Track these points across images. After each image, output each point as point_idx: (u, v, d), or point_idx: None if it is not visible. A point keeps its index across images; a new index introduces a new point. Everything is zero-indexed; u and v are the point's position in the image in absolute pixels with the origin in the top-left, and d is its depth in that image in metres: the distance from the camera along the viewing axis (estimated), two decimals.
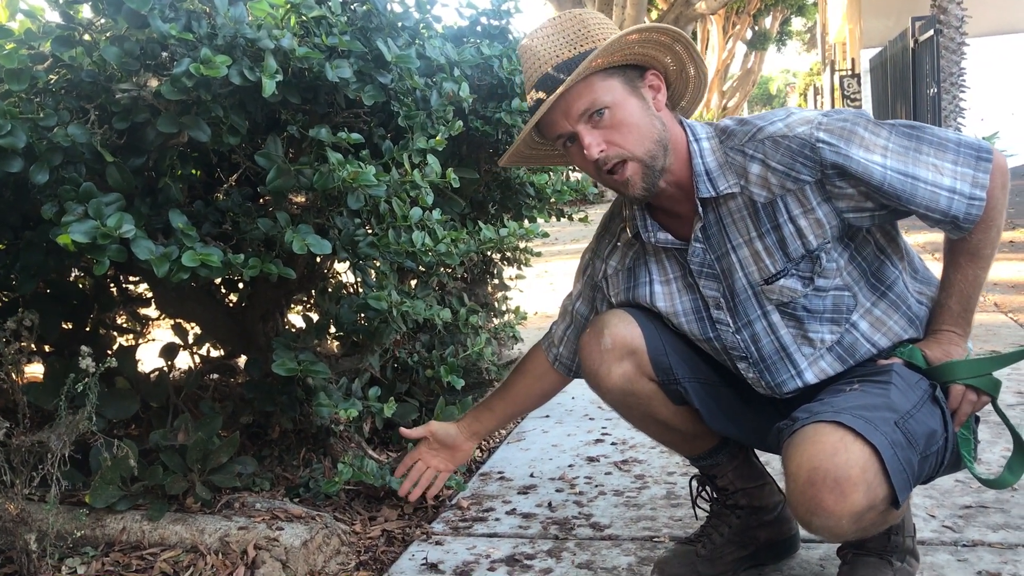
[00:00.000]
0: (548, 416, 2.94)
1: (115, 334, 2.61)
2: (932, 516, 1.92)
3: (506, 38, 2.59)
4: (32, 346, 2.19)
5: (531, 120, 1.46)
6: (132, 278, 2.51)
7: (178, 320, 2.54)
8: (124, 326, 2.70)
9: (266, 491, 2.14)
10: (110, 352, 2.34)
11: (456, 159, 2.56)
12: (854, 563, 1.56)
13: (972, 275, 1.46)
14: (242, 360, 2.73)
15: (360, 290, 2.43)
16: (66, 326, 2.31)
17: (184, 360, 2.71)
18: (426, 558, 1.90)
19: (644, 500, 2.15)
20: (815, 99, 31.12)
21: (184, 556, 1.81)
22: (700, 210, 1.48)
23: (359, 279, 2.32)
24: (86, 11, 1.76)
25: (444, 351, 2.56)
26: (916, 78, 11.16)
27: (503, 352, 3.32)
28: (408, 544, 2.01)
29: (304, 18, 1.78)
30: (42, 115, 1.60)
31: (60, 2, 1.70)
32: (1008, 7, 13.23)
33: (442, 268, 2.62)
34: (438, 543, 1.98)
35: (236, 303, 2.59)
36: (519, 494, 2.26)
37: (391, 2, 1.95)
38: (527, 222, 2.70)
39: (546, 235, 2.67)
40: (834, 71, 20.80)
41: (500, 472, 2.44)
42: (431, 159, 2.01)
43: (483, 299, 3.13)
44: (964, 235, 1.43)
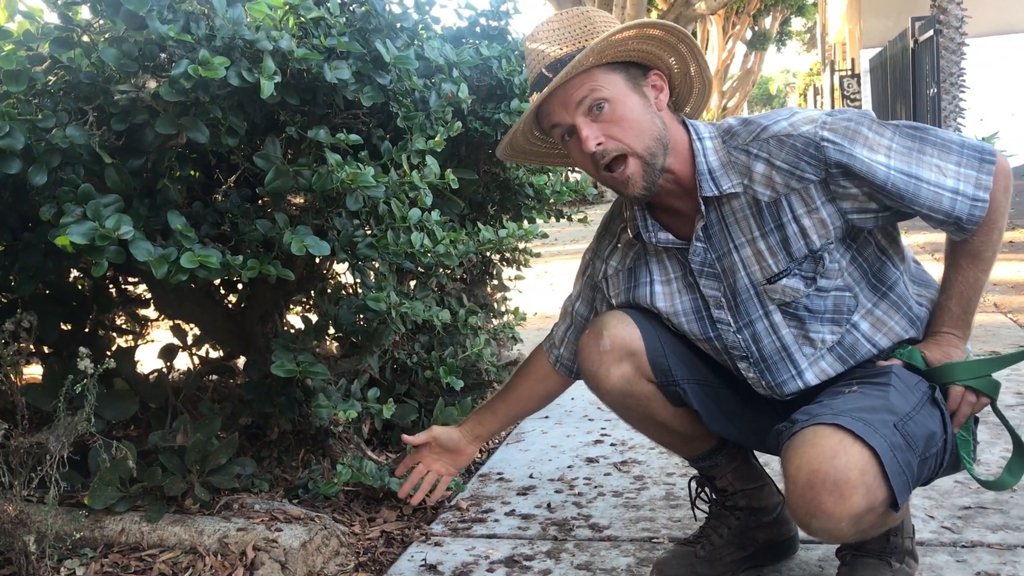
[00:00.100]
0: (547, 417, 2.94)
1: (114, 335, 2.61)
2: (931, 517, 1.92)
3: (505, 39, 2.59)
4: (31, 347, 2.19)
5: (532, 104, 1.45)
6: (131, 279, 2.51)
7: (177, 321, 2.54)
8: (123, 327, 2.70)
9: (265, 492, 2.13)
10: (109, 353, 2.34)
11: (455, 160, 2.56)
12: (853, 564, 1.56)
13: (973, 277, 1.46)
14: (241, 361, 2.73)
15: (359, 291, 2.43)
16: (65, 327, 2.31)
17: (183, 361, 2.71)
18: (425, 559, 1.90)
19: (643, 501, 2.15)
20: (815, 99, 31.13)
21: (183, 557, 1.81)
22: (703, 209, 1.48)
23: (358, 280, 2.32)
24: (84, 12, 1.76)
25: (443, 352, 2.56)
26: (916, 78, 11.17)
27: (502, 353, 3.32)
28: (407, 545, 2.01)
29: (302, 19, 1.78)
30: (40, 116, 1.60)
31: (59, 3, 1.70)
32: (1008, 7, 13.24)
33: (441, 269, 2.62)
34: (437, 544, 1.98)
35: (235, 304, 2.59)
36: (518, 495, 2.26)
37: (390, 3, 1.95)
38: (526, 223, 2.70)
39: (545, 236, 2.67)
40: (834, 71, 20.80)
41: (499, 473, 2.44)
42: (430, 160, 2.01)
43: (482, 300, 3.13)
44: (966, 237, 1.43)
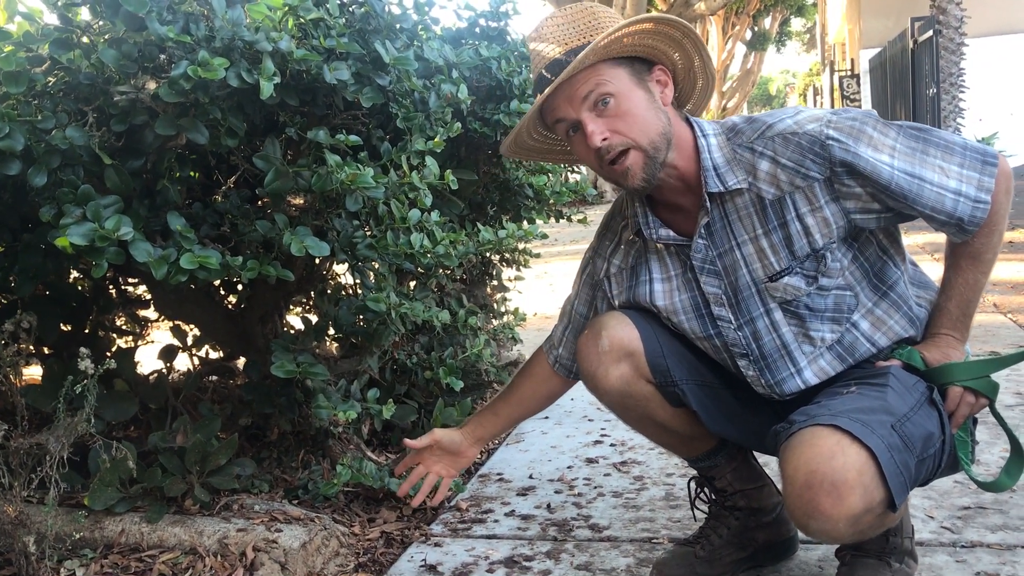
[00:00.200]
0: (547, 417, 2.94)
1: (114, 336, 2.61)
2: (931, 517, 1.92)
3: (504, 40, 2.59)
4: (31, 348, 2.20)
5: (536, 101, 1.45)
6: (131, 280, 2.51)
7: (177, 322, 2.54)
8: (123, 328, 2.70)
9: (265, 493, 2.13)
10: (109, 354, 2.34)
11: (455, 161, 2.57)
12: (852, 564, 1.56)
13: (973, 279, 1.47)
14: (241, 362, 2.73)
15: (359, 292, 2.43)
16: (65, 328, 2.31)
17: (183, 362, 2.71)
18: (425, 560, 1.90)
19: (643, 501, 2.15)
20: (815, 100, 31.14)
21: (183, 558, 1.82)
22: (707, 205, 1.48)
23: (358, 281, 2.32)
24: (84, 13, 1.76)
25: (443, 353, 2.56)
26: (915, 78, 11.18)
27: (502, 354, 3.32)
28: (407, 546, 2.01)
29: (302, 20, 1.78)
30: (40, 117, 1.60)
31: (58, 4, 1.70)
32: (1007, 7, 13.25)
33: (441, 270, 2.63)
34: (437, 545, 1.98)
35: (235, 305, 2.59)
36: (518, 495, 2.26)
37: (389, 4, 1.96)
38: (526, 223, 2.70)
39: (545, 236, 2.67)
40: (833, 71, 20.80)
41: (499, 473, 2.44)
42: (429, 161, 2.01)
43: (482, 300, 3.13)
44: (967, 238, 1.44)
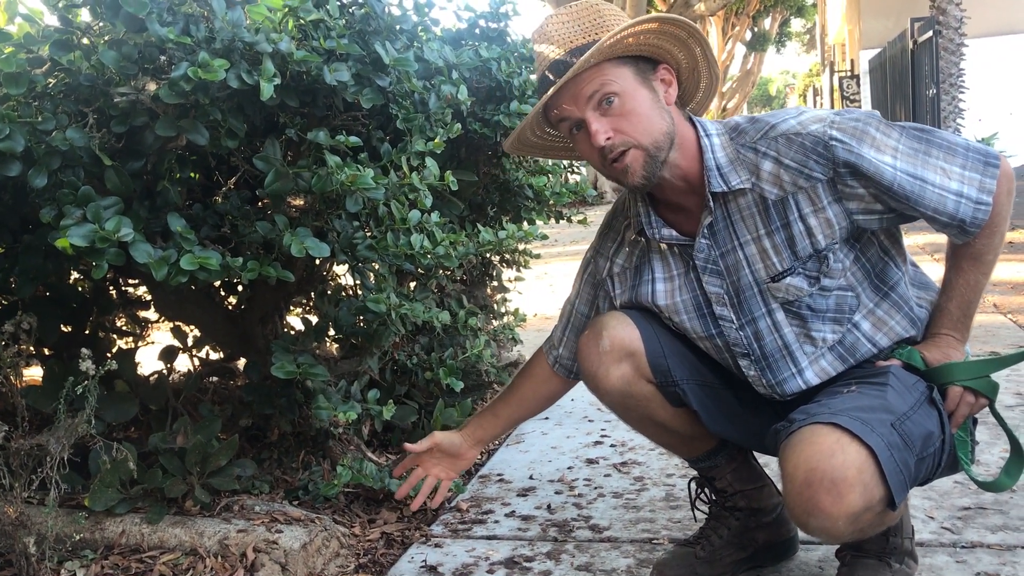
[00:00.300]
0: (547, 418, 2.94)
1: (114, 337, 2.61)
2: (931, 517, 1.92)
3: (504, 41, 2.59)
4: (31, 349, 2.20)
5: (540, 100, 1.45)
6: (131, 281, 2.51)
7: (177, 323, 2.54)
8: (123, 329, 2.70)
9: (265, 494, 2.13)
10: (109, 355, 2.34)
11: (455, 162, 2.57)
12: (852, 565, 1.57)
13: (974, 280, 1.47)
14: (241, 363, 2.74)
15: (359, 293, 2.43)
16: (65, 329, 2.31)
17: (183, 363, 2.71)
18: (425, 560, 1.91)
19: (643, 502, 2.15)
20: (814, 100, 31.14)
21: (183, 559, 1.82)
22: (711, 205, 1.48)
23: (358, 282, 2.32)
24: (84, 15, 1.77)
25: (443, 353, 2.56)
26: (915, 79, 11.18)
27: (502, 354, 3.32)
28: (407, 546, 2.01)
29: (302, 21, 1.78)
30: (40, 119, 1.60)
31: (59, 6, 1.70)
32: (1006, 8, 13.25)
33: (441, 270, 2.63)
34: (437, 545, 1.98)
35: (235, 306, 2.59)
36: (518, 496, 2.26)
37: (389, 5, 1.96)
38: (526, 224, 2.70)
39: (545, 237, 2.68)
40: (833, 72, 20.81)
41: (499, 474, 2.44)
42: (429, 162, 2.01)
43: (482, 301, 3.13)
44: (968, 240, 1.44)
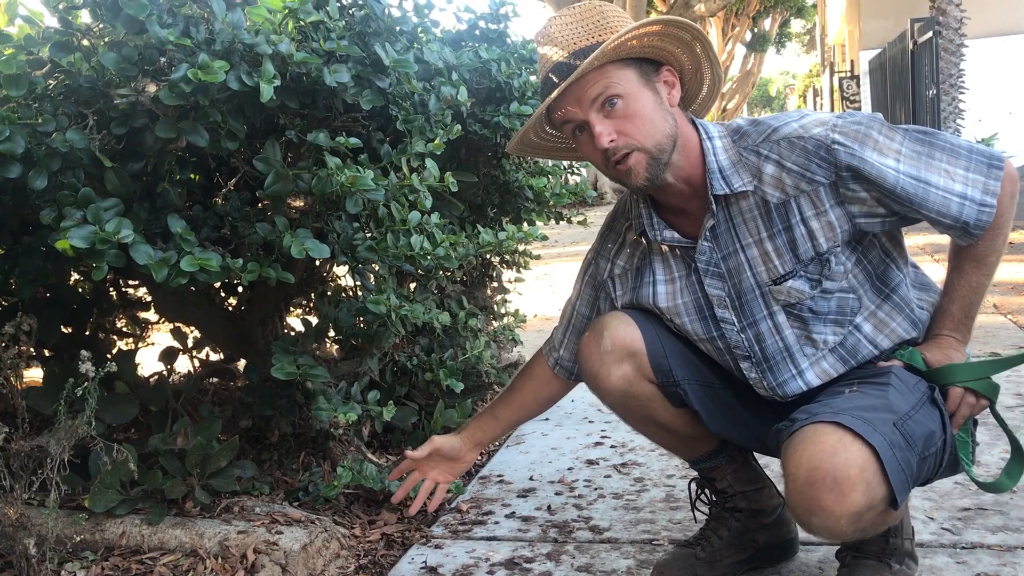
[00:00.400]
0: (547, 419, 2.94)
1: (114, 338, 2.61)
2: (931, 518, 1.92)
3: (504, 42, 2.59)
4: (31, 350, 2.20)
5: (543, 103, 1.45)
6: (131, 282, 2.52)
7: (177, 324, 2.54)
8: (123, 330, 2.70)
9: (265, 495, 2.13)
10: (109, 356, 2.34)
11: (455, 163, 2.57)
12: (853, 566, 1.56)
13: (976, 281, 1.47)
14: (241, 364, 2.74)
15: (359, 294, 2.43)
16: (65, 330, 2.31)
17: (183, 364, 2.71)
18: (425, 561, 1.91)
19: (643, 503, 2.15)
20: (814, 101, 31.15)
21: (184, 560, 1.81)
22: (713, 207, 1.48)
23: (358, 283, 2.32)
24: (84, 16, 1.77)
25: (443, 354, 2.56)
26: (915, 80, 11.18)
27: (502, 355, 3.32)
28: (407, 547, 2.01)
29: (302, 23, 1.78)
30: (40, 120, 1.61)
31: (59, 7, 1.71)
32: (1006, 8, 13.25)
33: (441, 271, 2.62)
34: (437, 547, 1.98)
35: (235, 307, 2.59)
36: (518, 497, 2.26)
37: (389, 7, 1.96)
38: (526, 225, 2.70)
39: (545, 238, 2.67)
40: (833, 73, 20.82)
41: (499, 475, 2.44)
42: (429, 163, 2.01)
43: (482, 302, 3.13)
44: (972, 241, 1.44)
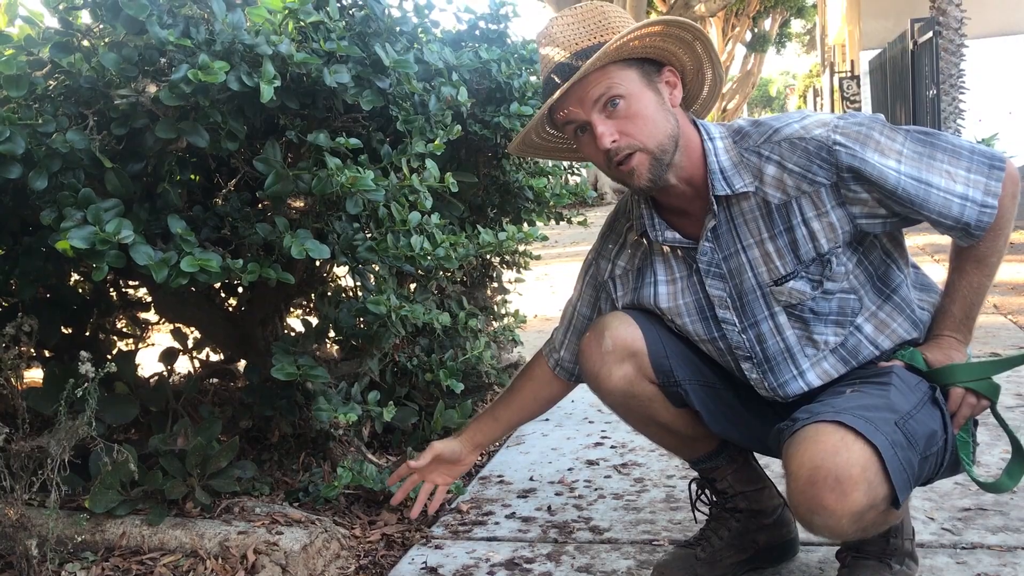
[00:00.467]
0: (548, 419, 2.94)
1: (115, 339, 2.61)
2: (931, 519, 1.92)
3: (504, 42, 2.59)
4: (31, 351, 2.20)
5: (545, 103, 1.45)
6: (131, 283, 2.52)
7: (177, 325, 2.54)
8: (124, 331, 2.70)
9: (265, 495, 2.14)
10: (109, 357, 2.34)
11: (455, 163, 2.57)
12: (853, 566, 1.56)
13: (977, 282, 1.47)
14: (241, 364, 2.74)
15: (359, 294, 2.43)
16: (65, 331, 2.31)
17: (184, 365, 2.72)
18: (425, 562, 1.90)
19: (643, 503, 2.15)
20: (815, 101, 31.15)
21: (184, 561, 1.82)
22: (714, 208, 1.48)
23: (358, 283, 2.32)
24: (85, 17, 1.77)
25: (443, 355, 2.56)
26: (915, 80, 11.17)
27: (503, 356, 3.32)
28: (408, 548, 2.01)
29: (302, 23, 1.78)
30: (41, 121, 1.61)
31: (59, 8, 1.71)
32: (1007, 9, 13.25)
33: (441, 272, 2.63)
34: (437, 547, 1.98)
35: (235, 308, 2.59)
36: (519, 498, 2.26)
37: (389, 7, 1.96)
38: (526, 225, 2.70)
39: (545, 238, 2.67)
40: (833, 73, 20.82)
41: (500, 476, 2.44)
42: (429, 163, 2.01)
43: (482, 303, 3.13)
44: (973, 242, 1.44)
